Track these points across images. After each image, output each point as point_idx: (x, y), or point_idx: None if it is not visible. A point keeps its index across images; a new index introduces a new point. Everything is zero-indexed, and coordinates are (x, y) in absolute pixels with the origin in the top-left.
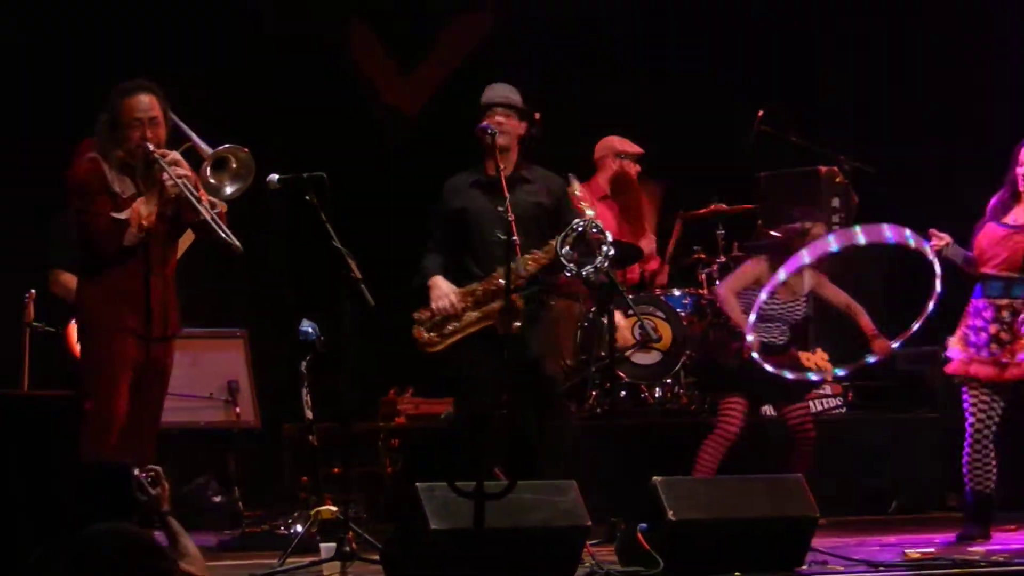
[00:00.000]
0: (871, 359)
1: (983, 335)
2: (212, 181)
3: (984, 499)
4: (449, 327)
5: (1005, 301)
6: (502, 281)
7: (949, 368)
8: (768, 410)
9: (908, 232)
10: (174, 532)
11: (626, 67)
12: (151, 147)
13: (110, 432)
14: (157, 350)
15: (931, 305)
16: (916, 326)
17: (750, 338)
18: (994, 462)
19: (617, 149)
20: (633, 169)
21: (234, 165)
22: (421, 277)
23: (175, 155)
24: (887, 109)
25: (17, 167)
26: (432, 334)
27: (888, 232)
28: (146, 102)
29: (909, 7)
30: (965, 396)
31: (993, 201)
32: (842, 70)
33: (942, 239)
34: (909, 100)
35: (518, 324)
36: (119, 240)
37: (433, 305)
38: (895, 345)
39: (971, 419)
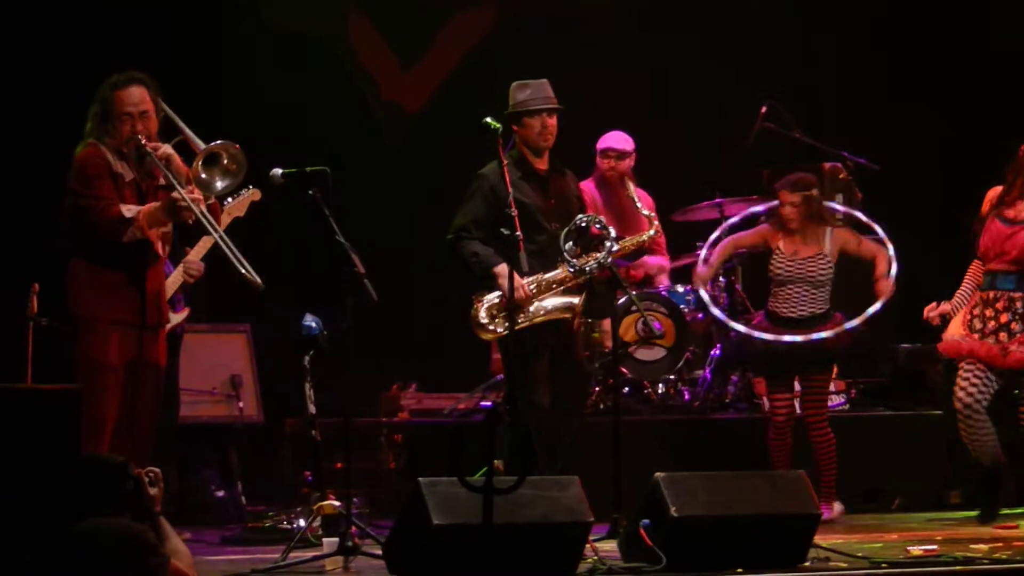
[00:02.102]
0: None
1: (991, 323)
2: (203, 176)
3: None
4: (516, 316)
5: (1019, 294)
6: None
7: (946, 348)
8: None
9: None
10: (164, 531)
11: (627, 64)
12: (142, 140)
13: (103, 431)
14: (149, 340)
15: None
16: None
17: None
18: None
19: (601, 146)
20: (621, 165)
21: (225, 161)
22: (481, 265)
23: (167, 148)
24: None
25: (19, 160)
26: (493, 318)
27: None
28: (137, 95)
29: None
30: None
31: (990, 195)
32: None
33: None
34: (911, 96)
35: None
36: (121, 235)
37: (515, 294)
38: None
39: (961, 394)
